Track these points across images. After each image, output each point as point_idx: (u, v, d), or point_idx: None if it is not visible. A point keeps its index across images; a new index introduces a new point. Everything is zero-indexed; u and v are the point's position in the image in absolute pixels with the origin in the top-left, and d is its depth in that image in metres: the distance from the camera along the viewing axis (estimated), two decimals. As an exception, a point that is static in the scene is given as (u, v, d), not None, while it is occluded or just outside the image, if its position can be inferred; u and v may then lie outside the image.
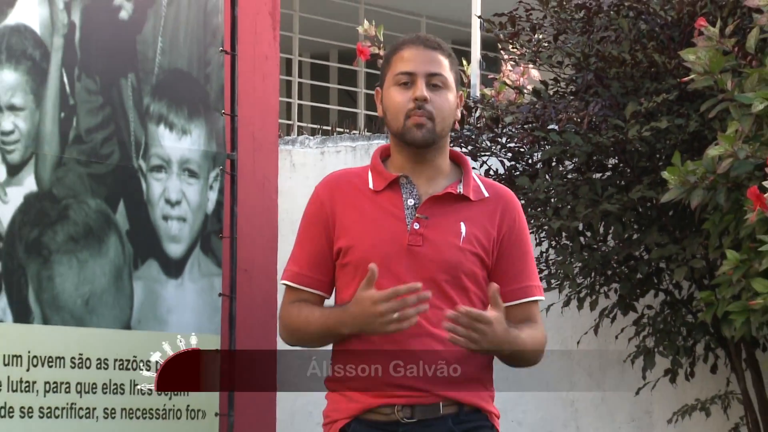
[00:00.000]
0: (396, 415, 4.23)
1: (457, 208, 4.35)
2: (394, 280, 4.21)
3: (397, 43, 4.47)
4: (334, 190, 4.41)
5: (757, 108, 6.69)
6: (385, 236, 4.29)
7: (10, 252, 6.38)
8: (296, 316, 4.41)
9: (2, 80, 6.41)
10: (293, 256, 4.49)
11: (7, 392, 6.34)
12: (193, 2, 7.11)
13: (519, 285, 4.44)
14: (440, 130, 4.35)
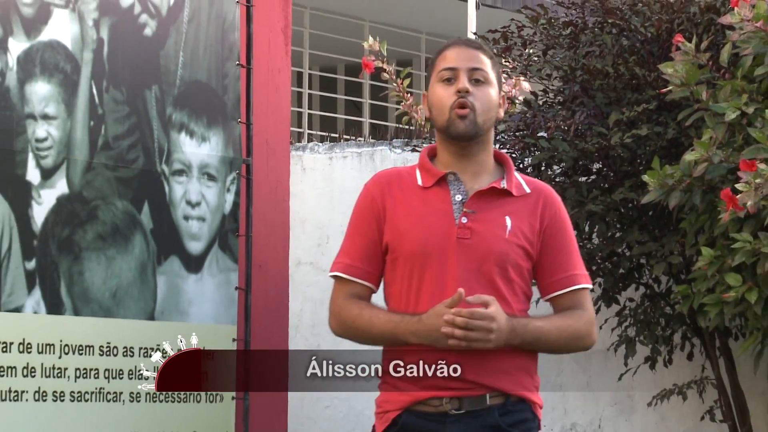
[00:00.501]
0: (444, 406, 4.14)
1: (502, 203, 4.26)
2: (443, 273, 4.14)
3: (442, 47, 4.40)
4: (384, 187, 4.31)
5: (729, 117, 6.70)
6: (435, 230, 4.20)
7: (44, 249, 6.38)
8: (357, 315, 4.28)
9: (36, 92, 6.41)
10: (344, 249, 4.38)
11: (41, 378, 6.35)
12: (212, 20, 7.11)
13: (564, 274, 4.34)
14: (482, 122, 4.27)
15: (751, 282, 6.58)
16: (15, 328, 6.27)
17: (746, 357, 7.55)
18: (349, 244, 4.35)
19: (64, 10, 6.51)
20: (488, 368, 4.13)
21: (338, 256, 4.37)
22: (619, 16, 7.61)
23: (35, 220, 6.36)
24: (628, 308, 7.89)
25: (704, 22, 7.36)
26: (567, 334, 4.27)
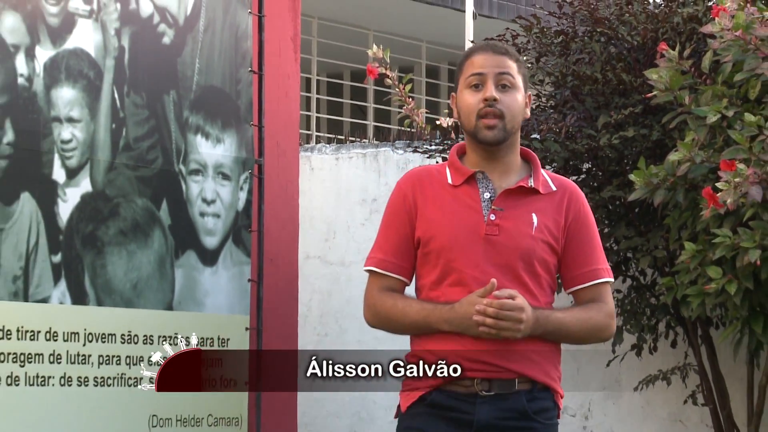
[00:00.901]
0: (475, 387, 4.08)
1: (529, 201, 4.20)
2: (472, 267, 4.09)
3: (468, 51, 4.33)
4: (416, 185, 4.24)
5: (711, 120, 6.70)
6: (464, 227, 4.13)
7: (69, 244, 6.39)
8: (391, 306, 4.20)
9: (62, 96, 6.42)
10: (378, 245, 4.30)
11: (67, 364, 6.35)
12: (226, 29, 7.11)
13: (588, 268, 4.29)
14: (510, 128, 4.19)
15: (731, 274, 6.58)
16: (42, 318, 6.28)
17: (726, 345, 7.55)
18: (382, 239, 4.28)
19: (87, 19, 6.52)
20: (518, 355, 4.09)
21: (372, 251, 4.31)
22: (607, 26, 7.61)
23: (61, 217, 6.37)
24: (616, 299, 7.88)
25: (687, 32, 7.36)
26: (587, 326, 4.24)
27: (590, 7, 7.71)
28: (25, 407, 6.21)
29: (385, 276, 4.23)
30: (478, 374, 4.07)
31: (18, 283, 6.22)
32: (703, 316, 7.33)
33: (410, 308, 4.15)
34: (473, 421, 4.09)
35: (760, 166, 6.41)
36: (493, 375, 4.08)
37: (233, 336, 7.04)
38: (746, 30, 6.68)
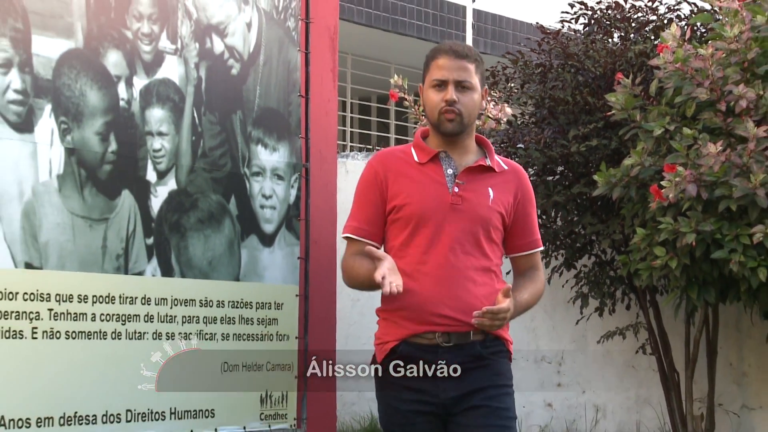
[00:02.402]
0: (437, 339, 3.94)
1: (486, 177, 4.04)
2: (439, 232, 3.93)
3: (434, 50, 4.18)
4: (385, 163, 4.10)
5: (656, 133, 6.70)
6: (432, 197, 3.96)
7: (159, 230, 6.40)
8: (351, 267, 4.10)
9: (154, 115, 6.43)
10: (352, 215, 4.17)
11: (157, 323, 6.35)
12: (280, 64, 7.11)
13: (529, 239, 4.16)
14: (467, 121, 4.03)
15: (672, 253, 6.58)
16: (138, 287, 6.29)
17: (669, 307, 7.55)
18: (356, 210, 4.15)
19: (173, 56, 6.53)
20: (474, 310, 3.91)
21: (348, 220, 4.19)
22: (576, 60, 7.62)
23: (153, 209, 6.38)
24: (583, 272, 7.90)
25: (638, 64, 7.37)
26: (537, 296, 4.17)
27: (563, 45, 7.71)
28: (126, 356, 6.22)
29: (359, 242, 4.11)
30: (438, 327, 3.96)
31: (120, 260, 6.24)
32: (650, 285, 7.34)
33: (362, 267, 4.04)
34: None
35: (694, 169, 6.41)
36: (451, 329, 3.96)
37: (286, 301, 7.04)
38: (684, 63, 6.68)
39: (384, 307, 4.06)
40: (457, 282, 3.94)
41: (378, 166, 4.11)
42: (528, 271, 4.21)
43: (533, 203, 4.19)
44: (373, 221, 4.07)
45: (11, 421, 5.75)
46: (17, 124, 5.86)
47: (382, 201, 4.05)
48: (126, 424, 6.22)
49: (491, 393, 3.97)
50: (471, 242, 3.96)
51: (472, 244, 3.96)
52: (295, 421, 7.08)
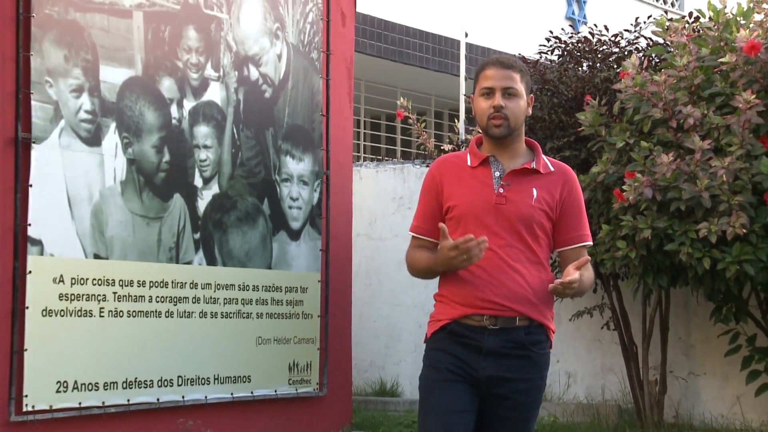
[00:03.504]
0: (484, 322, 3.69)
1: (531, 178, 3.78)
2: (485, 229, 3.68)
3: (483, 63, 3.91)
4: (441, 168, 3.85)
5: (618, 145, 6.70)
6: (479, 198, 3.74)
7: (205, 226, 6.41)
8: (412, 257, 3.83)
9: (200, 131, 6.44)
10: (416, 215, 3.90)
11: (203, 304, 6.37)
12: (306, 88, 7.12)
13: (576, 233, 3.86)
14: (514, 126, 3.78)
15: (632, 245, 6.58)
16: (187, 274, 6.30)
17: (629, 291, 7.55)
18: (418, 210, 3.90)
19: (216, 82, 6.54)
20: (519, 298, 3.71)
21: (413, 220, 3.94)
22: (552, 84, 7.61)
23: (199, 209, 6.40)
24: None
25: (603, 88, 7.36)
26: (589, 283, 3.85)
27: (540, 73, 7.70)
28: (177, 332, 6.24)
29: (419, 238, 3.87)
30: (486, 311, 3.69)
31: (172, 252, 6.25)
32: (613, 272, 7.33)
33: (422, 257, 3.81)
34: (482, 347, 3.69)
35: (650, 175, 6.41)
36: (498, 313, 3.69)
37: (310, 286, 7.05)
38: (642, 87, 6.67)
39: (441, 292, 3.81)
40: (504, 272, 3.70)
41: (435, 172, 3.87)
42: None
43: (580, 201, 3.91)
44: (431, 220, 3.83)
45: (83, 384, 5.77)
46: (87, 139, 5.88)
47: (438, 202, 3.83)
48: (177, 387, 6.24)
49: (523, 386, 3.74)
50: (515, 237, 3.73)
51: (516, 239, 3.73)
52: (317, 386, 7.09)
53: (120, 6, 6.02)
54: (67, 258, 5.72)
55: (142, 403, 6.04)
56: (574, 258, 3.84)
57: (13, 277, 5.51)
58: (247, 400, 6.63)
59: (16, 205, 5.53)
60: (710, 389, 7.84)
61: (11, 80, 5.55)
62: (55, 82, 5.70)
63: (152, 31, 6.18)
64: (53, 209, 5.67)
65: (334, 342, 7.23)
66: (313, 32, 7.19)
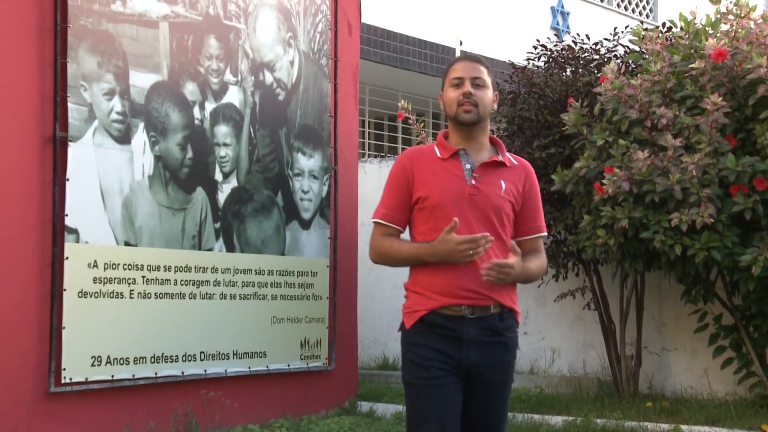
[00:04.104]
0: (463, 311, 3.49)
1: (498, 171, 3.62)
2: (461, 218, 3.51)
3: (452, 62, 3.76)
4: (412, 159, 3.65)
5: (599, 143, 6.71)
6: (453, 189, 3.55)
7: (224, 217, 6.42)
8: (389, 245, 3.64)
9: (220, 131, 6.44)
10: (383, 202, 3.70)
11: (222, 287, 6.37)
12: (315, 91, 7.12)
13: (533, 224, 3.69)
14: (482, 113, 3.61)
15: (610, 234, 6.59)
16: (209, 260, 6.31)
17: (608, 275, 7.56)
18: (386, 198, 3.69)
19: (234, 86, 6.55)
20: (493, 288, 3.52)
21: (378, 207, 3.73)
22: (538, 88, 7.61)
23: (219, 201, 6.40)
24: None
25: (585, 91, 7.37)
26: (540, 270, 3.68)
27: (528, 77, 7.71)
28: (199, 312, 6.25)
29: (387, 226, 3.66)
30: (464, 301, 3.51)
31: (195, 239, 6.26)
32: (594, 258, 7.35)
33: (404, 247, 3.60)
34: (463, 337, 3.51)
35: (627, 170, 6.42)
36: (475, 302, 3.51)
37: (319, 270, 7.06)
38: (620, 90, 6.68)
39: (416, 282, 3.60)
40: (480, 261, 3.52)
41: (406, 162, 3.67)
42: (531, 252, 3.72)
43: (538, 194, 3.76)
44: (400, 209, 3.65)
45: (115, 359, 5.78)
46: (118, 138, 5.89)
47: (408, 192, 3.63)
48: (200, 362, 6.26)
49: (501, 370, 3.57)
50: (487, 227, 3.56)
51: (489, 228, 3.56)
52: (326, 361, 7.10)
53: (148, 17, 6.02)
54: (101, 245, 5.73)
55: (168, 376, 6.06)
56: (530, 247, 3.71)
57: (52, 262, 5.53)
58: (263, 374, 6.64)
59: (55, 197, 5.55)
60: (681, 363, 7.85)
61: (50, 84, 5.56)
62: (89, 86, 5.70)
63: (177, 40, 6.19)
64: (88, 201, 5.68)
65: (341, 321, 7.24)
66: (323, 41, 7.19)
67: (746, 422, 6.47)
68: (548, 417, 6.83)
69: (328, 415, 6.98)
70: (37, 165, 5.52)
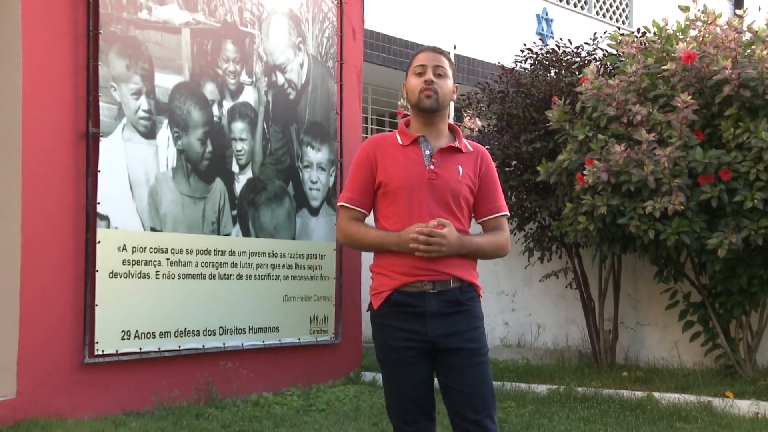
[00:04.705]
0: (424, 287, 3.35)
1: (455, 157, 3.47)
2: (419, 202, 3.40)
3: (416, 51, 3.60)
4: (375, 146, 3.50)
5: (580, 138, 6.69)
6: (413, 173, 3.42)
7: (241, 205, 6.43)
8: (356, 231, 3.51)
9: (237, 127, 6.45)
10: (347, 187, 3.54)
11: (239, 268, 6.39)
12: (323, 91, 7.12)
13: (492, 204, 3.53)
14: (442, 101, 3.46)
15: (590, 220, 6.59)
16: (226, 244, 6.32)
17: (588, 257, 7.57)
18: (350, 183, 3.53)
19: (250, 86, 6.55)
20: (451, 264, 3.37)
21: (343, 191, 3.56)
22: (525, 88, 7.60)
23: (236, 190, 6.41)
24: (529, 233, 7.91)
25: (567, 90, 7.35)
26: (494, 246, 3.52)
27: (516, 78, 7.70)
28: (218, 290, 6.27)
29: (352, 209, 3.51)
30: (424, 277, 3.37)
31: (214, 225, 6.28)
32: (576, 242, 7.35)
33: (369, 234, 3.48)
34: (426, 312, 3.36)
35: (606, 162, 6.42)
36: (435, 278, 3.36)
37: (327, 253, 7.08)
38: (599, 90, 6.67)
39: (379, 263, 3.49)
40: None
41: (369, 149, 3.51)
42: (491, 231, 3.59)
43: (495, 177, 3.58)
44: (364, 192, 3.50)
45: (142, 333, 5.82)
46: (145, 133, 5.91)
47: (372, 177, 3.49)
48: (219, 336, 6.29)
49: (468, 336, 3.39)
50: (445, 209, 3.43)
51: (446, 210, 3.43)
52: (333, 335, 7.12)
53: (171, 24, 6.03)
54: (129, 230, 5.75)
55: (191, 348, 6.08)
56: (491, 227, 3.56)
57: (86, 246, 5.55)
58: (276, 347, 6.66)
59: (88, 187, 5.57)
60: (653, 337, 7.87)
61: (83, 85, 5.58)
62: (118, 87, 5.72)
63: (197, 45, 6.20)
64: (117, 191, 5.70)
65: (346, 299, 7.26)
66: (329, 45, 7.19)
67: (712, 389, 6.50)
68: (534, 386, 6.86)
69: (334, 384, 7.01)
70: (72, 158, 5.54)
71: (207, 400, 6.10)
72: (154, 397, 5.86)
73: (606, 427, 5.68)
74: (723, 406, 6.17)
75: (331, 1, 7.20)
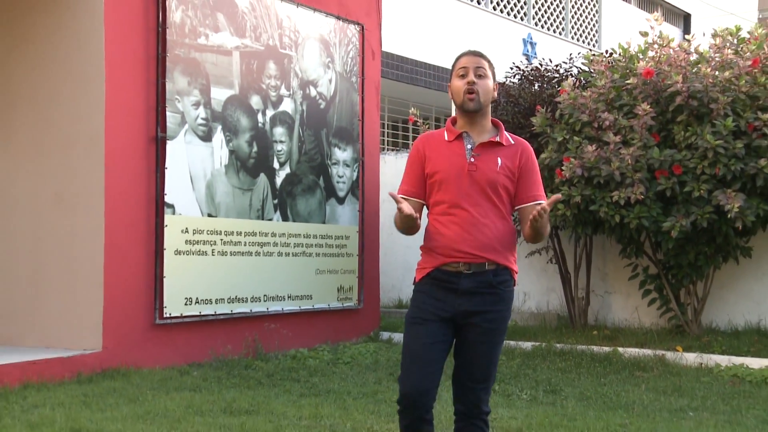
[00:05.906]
0: (460, 267, 3.12)
1: (496, 150, 3.22)
2: (460, 191, 3.18)
3: (458, 55, 3.31)
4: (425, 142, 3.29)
5: (559, 139, 6.70)
6: (455, 166, 3.20)
7: (281, 194, 6.47)
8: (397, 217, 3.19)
9: (277, 131, 6.49)
10: (403, 180, 3.34)
11: (278, 246, 6.42)
12: (348, 101, 7.15)
13: (531, 193, 3.24)
14: (484, 101, 3.22)
15: (567, 207, 6.61)
16: (269, 227, 6.36)
17: (566, 237, 7.58)
18: (406, 176, 3.33)
19: (288, 98, 6.59)
20: (487, 247, 3.14)
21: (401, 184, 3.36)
22: (514, 98, 7.61)
23: (277, 183, 6.45)
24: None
25: (548, 100, 7.35)
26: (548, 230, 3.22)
27: (506, 90, 7.71)
28: (263, 265, 6.30)
29: (407, 199, 3.26)
30: (461, 259, 3.14)
31: (259, 212, 6.32)
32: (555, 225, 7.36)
33: (397, 217, 3.19)
34: (458, 288, 3.12)
35: (580, 159, 6.44)
36: (471, 260, 3.13)
37: (351, 235, 7.11)
38: (574, 100, 6.68)
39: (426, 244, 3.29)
40: (475, 226, 3.16)
41: (419, 145, 3.31)
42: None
43: (534, 168, 3.29)
44: (417, 183, 3.29)
45: (201, 300, 5.87)
46: (203, 137, 5.95)
47: (422, 169, 3.28)
48: (263, 302, 6.33)
49: (491, 316, 3.15)
50: (484, 197, 3.19)
51: (485, 198, 3.19)
52: (357, 301, 7.15)
53: (224, 48, 6.08)
54: (190, 216, 5.81)
55: (240, 312, 6.15)
56: (530, 213, 3.23)
57: (156, 229, 5.62)
58: (310, 311, 6.72)
59: (157, 181, 5.63)
60: (618, 302, 7.89)
61: (153, 98, 5.64)
62: (181, 99, 5.77)
63: (245, 64, 6.24)
64: (181, 184, 5.76)
65: (367, 272, 7.30)
66: (353, 64, 7.23)
67: (665, 345, 6.53)
68: (521, 342, 6.90)
69: (357, 342, 7.07)
70: (144, 157, 5.61)
71: (254, 354, 6.18)
72: (212, 352, 5.94)
73: (579, 376, 5.74)
74: (674, 358, 6.21)
75: (355, 27, 7.24)
